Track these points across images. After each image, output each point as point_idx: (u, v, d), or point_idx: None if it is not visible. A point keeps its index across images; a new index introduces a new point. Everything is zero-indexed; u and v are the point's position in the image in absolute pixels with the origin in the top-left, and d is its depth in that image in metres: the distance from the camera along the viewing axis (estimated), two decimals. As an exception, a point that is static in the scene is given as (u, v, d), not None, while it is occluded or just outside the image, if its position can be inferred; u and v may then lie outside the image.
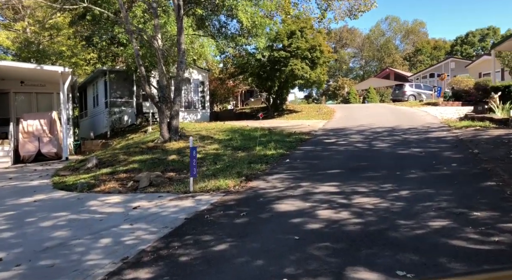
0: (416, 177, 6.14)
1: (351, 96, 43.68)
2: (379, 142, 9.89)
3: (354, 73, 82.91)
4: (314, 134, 12.90)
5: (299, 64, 19.85)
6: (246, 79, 23.40)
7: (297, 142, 11.29)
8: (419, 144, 9.04)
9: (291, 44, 19.95)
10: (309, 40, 20.28)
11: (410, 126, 12.59)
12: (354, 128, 13.41)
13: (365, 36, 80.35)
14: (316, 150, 9.70)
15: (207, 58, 16.33)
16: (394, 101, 32.11)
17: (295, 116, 21.26)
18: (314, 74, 20.32)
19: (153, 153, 11.84)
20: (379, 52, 77.54)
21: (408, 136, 10.33)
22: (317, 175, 7.03)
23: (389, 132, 11.52)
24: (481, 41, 69.27)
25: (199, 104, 27.20)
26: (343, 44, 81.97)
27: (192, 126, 17.40)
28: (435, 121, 13.37)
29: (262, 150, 10.47)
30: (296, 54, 20.03)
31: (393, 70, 58.02)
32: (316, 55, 20.18)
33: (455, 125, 11.27)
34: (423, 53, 73.53)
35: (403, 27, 79.71)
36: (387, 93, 45.60)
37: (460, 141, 8.72)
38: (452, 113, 15.21)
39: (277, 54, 19.88)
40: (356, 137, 11.23)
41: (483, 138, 8.64)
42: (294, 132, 13.45)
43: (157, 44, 13.35)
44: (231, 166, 8.66)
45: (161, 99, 13.46)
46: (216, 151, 11.12)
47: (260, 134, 13.24)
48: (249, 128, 15.46)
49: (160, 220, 5.36)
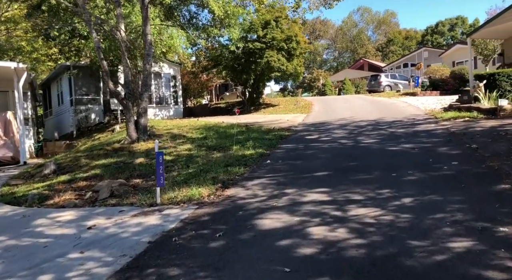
0: (415, 179, 5.40)
1: (327, 88, 43.27)
2: (365, 138, 9.18)
3: (328, 64, 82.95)
4: (295, 130, 12.10)
5: (275, 55, 18.98)
6: (220, 73, 22.38)
7: (277, 139, 10.46)
8: (408, 138, 8.37)
9: (266, 34, 19.04)
10: (285, 31, 19.42)
11: (394, 118, 11.98)
12: (335, 122, 12.70)
13: (338, 27, 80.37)
14: (299, 148, 8.90)
15: (177, 50, 15.25)
16: (370, 92, 31.82)
17: (273, 110, 20.44)
18: (291, 66, 19.51)
19: (119, 156, 10.74)
20: (352, 43, 77.71)
21: (394, 130, 9.68)
22: (302, 179, 6.21)
23: (374, 126, 10.85)
24: (450, 30, 70.41)
25: (171, 99, 25.98)
26: (316, 36, 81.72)
27: (164, 124, 16.29)
28: (419, 112, 12.82)
29: (239, 149, 9.58)
30: (272, 45, 19.15)
31: (367, 61, 58.09)
32: (292, 46, 19.36)
33: (442, 117, 10.71)
34: (395, 43, 74.15)
35: (375, 18, 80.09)
36: (362, 84, 45.46)
37: (453, 134, 8.10)
38: (434, 103, 14.74)
39: (252, 46, 18.94)
40: (339, 132, 10.50)
41: (476, 131, 8.06)
42: (273, 128, 12.62)
43: (121, 35, 12.16)
44: (205, 170, 7.73)
45: (126, 96, 12.31)
46: (188, 152, 10.15)
47: (237, 132, 12.33)
48: (225, 124, 14.51)
49: (118, 244, 4.40)
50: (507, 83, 11.34)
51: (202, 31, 17.51)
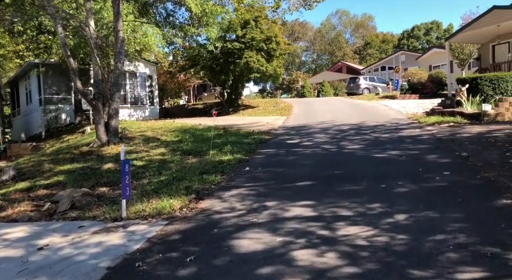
0: (407, 191, 4.98)
1: (306, 89, 43.11)
2: (348, 143, 8.77)
3: (306, 66, 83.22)
4: (275, 133, 11.61)
5: (254, 56, 18.48)
6: (198, 73, 21.71)
7: (257, 143, 9.93)
8: (394, 145, 8.01)
9: (245, 34, 18.51)
10: (264, 31, 18.95)
11: (376, 122, 11.66)
12: (316, 126, 12.29)
13: (317, 29, 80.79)
14: (280, 154, 8.40)
15: (152, 48, 14.53)
16: (349, 95, 31.77)
17: (252, 112, 19.92)
18: (271, 67, 19.05)
19: (86, 161, 9.97)
20: (330, 45, 78.23)
21: (378, 135, 9.32)
22: (284, 190, 5.70)
23: (356, 130, 10.48)
24: (426, 34, 71.80)
25: (147, 99, 25.09)
26: (295, 38, 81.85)
27: (137, 126, 15.52)
28: (401, 116, 12.57)
29: (216, 155, 9.00)
30: (251, 45, 18.64)
31: (345, 64, 58.43)
32: (272, 47, 18.91)
33: (425, 121, 10.44)
34: (372, 46, 75.07)
35: (352, 21, 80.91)
36: (341, 87, 45.56)
37: (439, 141, 7.78)
38: (415, 107, 14.56)
39: (231, 46, 18.37)
40: (321, 136, 10.07)
41: (463, 137, 7.77)
42: (253, 131, 12.09)
43: (90, 31, 11.37)
44: (179, 177, 7.12)
45: (96, 96, 11.51)
46: (162, 157, 9.49)
47: (214, 135, 11.73)
48: (202, 127, 13.89)
49: (71, 271, 3.76)
50: (489, 87, 11.20)
51: (179, 30, 16.84)
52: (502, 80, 11.13)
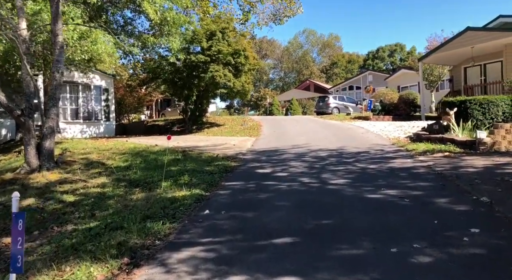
0: (432, 264, 3.45)
1: (274, 107, 42.06)
2: (331, 175, 7.27)
3: (274, 84, 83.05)
4: (243, 159, 9.98)
5: (221, 70, 16.93)
6: (159, 87, 19.86)
7: (221, 173, 8.25)
8: (387, 180, 6.57)
9: (211, 46, 16.97)
10: (232, 44, 17.50)
11: (357, 148, 10.31)
12: (290, 150, 10.78)
13: (284, 48, 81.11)
14: (249, 188, 6.75)
15: (101, 58, 12.67)
16: (318, 114, 30.85)
17: (217, 131, 18.23)
18: (239, 82, 17.56)
19: (4, 193, 7.89)
20: (297, 64, 78.57)
21: (365, 166, 7.90)
22: (257, 251, 4.05)
23: (337, 158, 9.04)
24: (390, 56, 73.61)
25: (101, 115, 22.89)
26: (263, 55, 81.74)
27: (83, 146, 13.42)
28: (383, 141, 11.31)
29: (170, 188, 7.23)
30: (217, 58, 17.10)
31: (313, 82, 58.24)
32: (240, 61, 17.46)
33: (414, 149, 9.17)
34: (338, 66, 76.04)
35: (319, 40, 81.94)
36: (309, 105, 44.98)
37: (442, 177, 6.43)
38: (395, 130, 13.42)
39: (195, 58, 16.74)
40: (297, 165, 8.53)
41: (469, 172, 6.47)
42: (217, 156, 10.39)
43: (21, 35, 9.41)
44: (113, 225, 5.31)
45: (26, 112, 9.46)
46: (101, 190, 7.60)
47: (171, 160, 9.95)
48: (158, 148, 12.05)
49: None
50: (479, 111, 10.19)
51: (136, 39, 15.05)
52: (492, 104, 10.15)
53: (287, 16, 22.81)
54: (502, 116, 10.23)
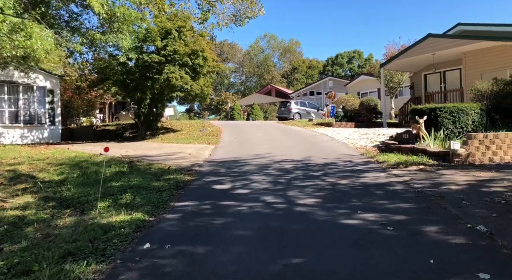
0: None
1: (235, 112, 41.04)
2: (298, 193, 6.32)
3: (235, 88, 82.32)
4: (199, 171, 8.83)
5: (177, 72, 15.67)
6: (109, 89, 18.23)
7: (171, 190, 7.07)
8: (362, 199, 5.71)
9: (166, 46, 15.68)
10: (189, 44, 16.30)
11: (325, 159, 9.47)
12: (252, 161, 9.77)
13: (245, 51, 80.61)
14: (203, 211, 5.64)
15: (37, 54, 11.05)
16: (280, 119, 30.22)
17: (173, 138, 16.89)
18: (197, 85, 16.37)
19: None
20: (259, 68, 78.33)
21: (335, 181, 7.03)
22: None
23: (304, 171, 8.13)
24: (348, 62, 75.05)
25: (46, 118, 20.86)
26: (224, 58, 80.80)
27: (15, 154, 11.71)
28: (350, 151, 10.56)
29: (107, 209, 5.98)
30: (173, 59, 15.84)
31: (274, 87, 57.89)
32: (198, 63, 16.28)
33: (385, 161, 8.44)
34: (299, 71, 76.49)
35: (280, 45, 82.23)
36: (271, 110, 44.41)
37: (423, 196, 5.65)
38: (361, 139, 12.79)
39: (148, 58, 15.37)
40: (260, 179, 7.52)
41: (452, 191, 5.75)
42: (168, 168, 9.17)
43: None
44: (19, 268, 4.02)
45: None
46: (21, 213, 6.19)
47: (113, 173, 8.63)
48: (102, 158, 10.63)
49: None
50: (449, 120, 9.70)
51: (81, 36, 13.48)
52: (462, 112, 9.70)
53: (248, 17, 22.00)
54: (472, 125, 9.81)
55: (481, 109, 10.00)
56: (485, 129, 9.73)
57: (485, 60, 17.63)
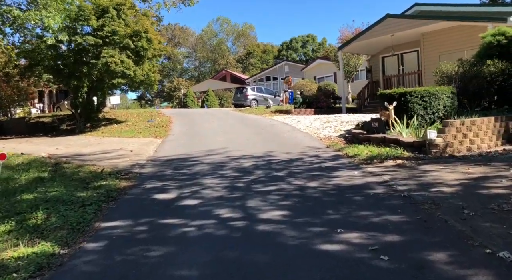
0: None
1: (189, 99, 39.03)
2: (260, 202, 5.09)
3: (189, 73, 79.53)
4: (139, 174, 7.35)
5: (117, 55, 13.80)
6: (40, 76, 15.93)
7: (100, 202, 5.58)
8: (340, 210, 4.57)
9: (103, 26, 13.71)
10: (131, 24, 14.41)
11: (288, 153, 8.30)
12: (204, 158, 8.40)
13: (198, 36, 77.75)
14: (137, 237, 4.25)
15: None
16: (236, 106, 28.87)
17: (116, 130, 15.05)
18: (140, 71, 14.58)
19: None
20: (212, 53, 75.95)
21: (303, 183, 5.87)
22: None
23: (266, 171, 6.89)
24: (303, 47, 74.62)
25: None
26: (176, 43, 77.59)
27: None
28: (315, 143, 9.46)
29: (6, 236, 4.44)
30: (113, 41, 13.93)
31: (229, 72, 56.14)
32: (142, 45, 14.46)
33: (356, 155, 7.37)
34: (254, 56, 75.07)
35: (234, 30, 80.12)
36: (226, 96, 42.76)
37: (413, 203, 4.58)
38: (323, 128, 11.77)
39: (82, 40, 13.35)
40: (213, 184, 6.20)
41: (445, 193, 4.76)
42: (102, 171, 7.59)
43: None
44: None
45: None
46: None
47: (30, 180, 6.95)
48: (22, 160, 8.82)
49: None
50: (420, 105, 8.84)
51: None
52: (434, 97, 8.87)
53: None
54: (443, 111, 9.04)
55: (452, 93, 9.24)
56: (457, 114, 9.00)
57: (443, 41, 17.23)
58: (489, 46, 11.71)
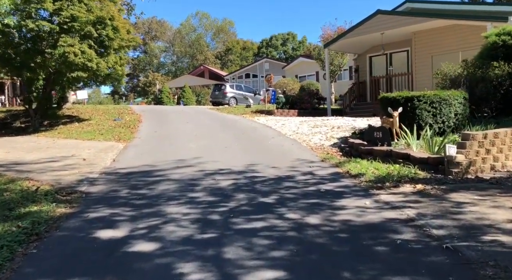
0: None
1: (164, 95, 36.93)
2: (244, 253, 3.59)
3: (166, 68, 77.03)
4: (85, 195, 5.69)
5: (77, 45, 11.97)
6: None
7: (16, 245, 3.93)
8: (359, 270, 3.15)
9: (60, 10, 11.83)
10: (95, 9, 12.56)
11: (275, 169, 6.80)
12: (172, 173, 6.80)
13: (176, 30, 75.28)
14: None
15: None
16: (214, 104, 27.24)
17: (75, 130, 13.18)
18: (105, 63, 12.77)
19: None
20: (191, 48, 73.70)
21: (299, 217, 4.39)
22: None
23: (249, 196, 5.38)
24: (283, 45, 73.45)
25: None
26: (152, 36, 75.02)
27: None
28: (306, 154, 7.99)
29: None
30: (72, 28, 12.07)
31: (208, 68, 54.21)
32: (107, 34, 12.65)
33: (360, 173, 5.93)
34: (233, 52, 73.35)
35: (213, 25, 78.05)
36: (204, 93, 40.94)
37: (465, 262, 3.18)
38: (312, 133, 10.33)
39: (34, 25, 11.44)
40: (180, 215, 4.64)
41: (508, 245, 3.41)
42: (37, 189, 5.88)
43: None
44: None
45: None
46: None
47: None
48: None
49: None
50: (429, 113, 7.54)
51: None
52: (445, 103, 7.58)
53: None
54: (454, 119, 7.77)
55: (464, 98, 7.98)
56: (470, 124, 7.76)
57: (436, 41, 16.16)
58: (493, 47, 10.62)
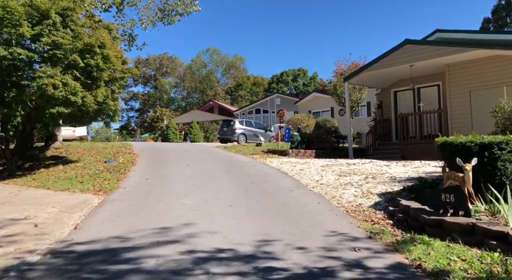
0: None
1: (170, 131, 35.27)
2: None
3: (176, 104, 76.44)
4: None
5: (58, 76, 10.16)
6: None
7: None
8: None
9: (40, 36, 10.14)
10: (82, 36, 10.87)
11: (301, 252, 4.54)
12: (147, 255, 4.59)
13: (187, 66, 75.35)
14: None
15: None
16: (222, 141, 25.35)
17: (54, 176, 11.14)
18: (92, 97, 10.91)
19: None
20: (201, 83, 73.29)
21: None
22: None
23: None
24: (293, 80, 72.71)
25: None
26: (163, 72, 75.13)
27: None
28: (342, 223, 5.68)
29: None
30: (54, 57, 10.32)
31: (217, 103, 52.97)
32: (96, 64, 10.89)
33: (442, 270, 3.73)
34: (244, 88, 72.71)
35: (224, 61, 78.02)
36: (213, 129, 39.27)
37: None
38: (341, 184, 8.08)
39: (6, 53, 9.69)
40: None
41: None
42: None
43: None
44: None
45: None
46: None
47: None
48: None
49: None
50: None
51: None
52: (537, 151, 5.40)
53: (180, 14, 17.12)
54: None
55: (559, 145, 5.76)
56: None
57: (473, 74, 14.13)
58: None
